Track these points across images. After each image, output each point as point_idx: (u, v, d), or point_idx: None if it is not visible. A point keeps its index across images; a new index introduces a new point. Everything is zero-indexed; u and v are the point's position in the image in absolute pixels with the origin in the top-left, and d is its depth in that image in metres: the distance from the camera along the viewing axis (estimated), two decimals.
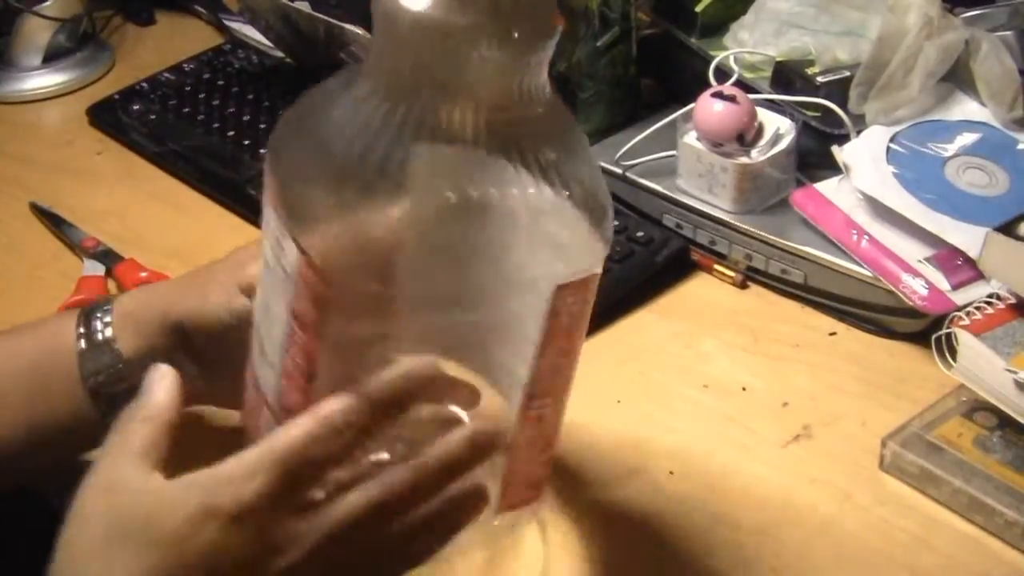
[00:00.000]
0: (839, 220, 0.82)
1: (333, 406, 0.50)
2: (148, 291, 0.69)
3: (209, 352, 0.64)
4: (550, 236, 0.52)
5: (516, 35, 0.50)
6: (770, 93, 0.90)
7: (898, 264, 0.79)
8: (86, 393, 0.65)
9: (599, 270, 0.55)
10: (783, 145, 0.86)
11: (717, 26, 0.99)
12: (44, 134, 1.15)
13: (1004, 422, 0.69)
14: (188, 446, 0.54)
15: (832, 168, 0.85)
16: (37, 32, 1.20)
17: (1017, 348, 0.70)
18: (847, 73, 0.89)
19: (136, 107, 1.11)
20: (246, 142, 1.03)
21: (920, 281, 0.78)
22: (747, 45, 0.95)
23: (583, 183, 0.52)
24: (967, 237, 0.78)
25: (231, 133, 1.05)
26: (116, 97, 1.13)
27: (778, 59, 0.93)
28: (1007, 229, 0.75)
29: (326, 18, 0.99)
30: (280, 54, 1.15)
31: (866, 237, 0.81)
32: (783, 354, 0.80)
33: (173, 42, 1.25)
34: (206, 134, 1.06)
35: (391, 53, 0.50)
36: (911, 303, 0.77)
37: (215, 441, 0.55)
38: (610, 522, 0.68)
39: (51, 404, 0.65)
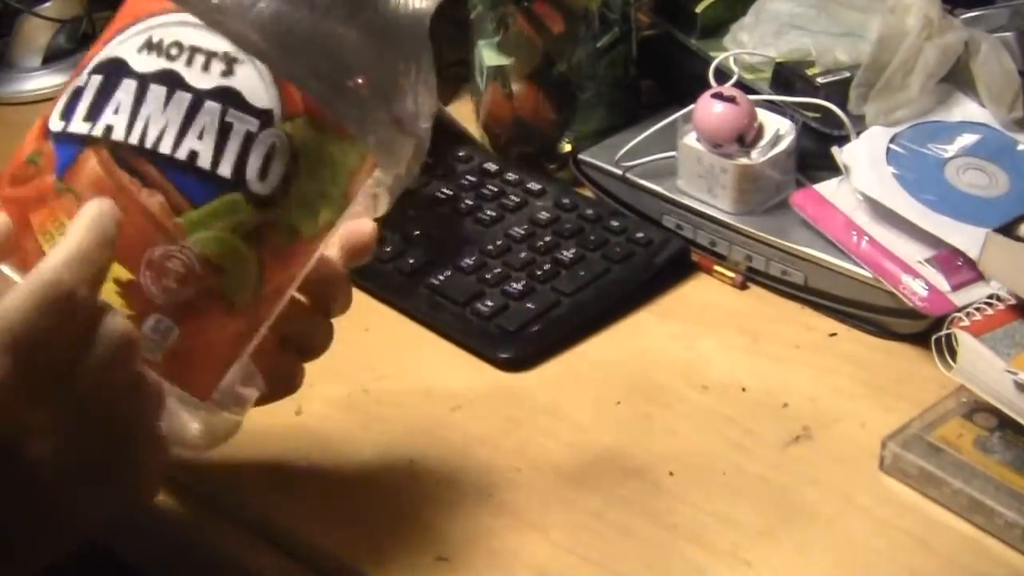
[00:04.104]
0: (839, 221, 0.82)
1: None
2: None
3: None
4: None
5: None
6: (770, 94, 0.90)
7: (898, 265, 0.79)
8: None
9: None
10: (783, 146, 0.86)
11: (717, 27, 0.99)
12: None
13: (1004, 423, 0.69)
14: None
15: (832, 169, 0.85)
16: (37, 33, 1.20)
17: (1017, 349, 0.70)
18: (847, 74, 0.89)
19: None
20: None
21: (920, 282, 0.78)
22: (747, 46, 0.95)
23: None
24: (967, 238, 0.78)
25: None
26: None
27: (778, 60, 0.93)
28: (1007, 230, 0.75)
29: None
30: None
31: (866, 238, 0.81)
32: (783, 355, 0.80)
33: None
34: None
35: None
36: (911, 304, 0.77)
37: None
38: (610, 522, 0.68)
39: None
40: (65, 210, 0.52)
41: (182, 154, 0.51)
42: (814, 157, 0.87)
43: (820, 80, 0.90)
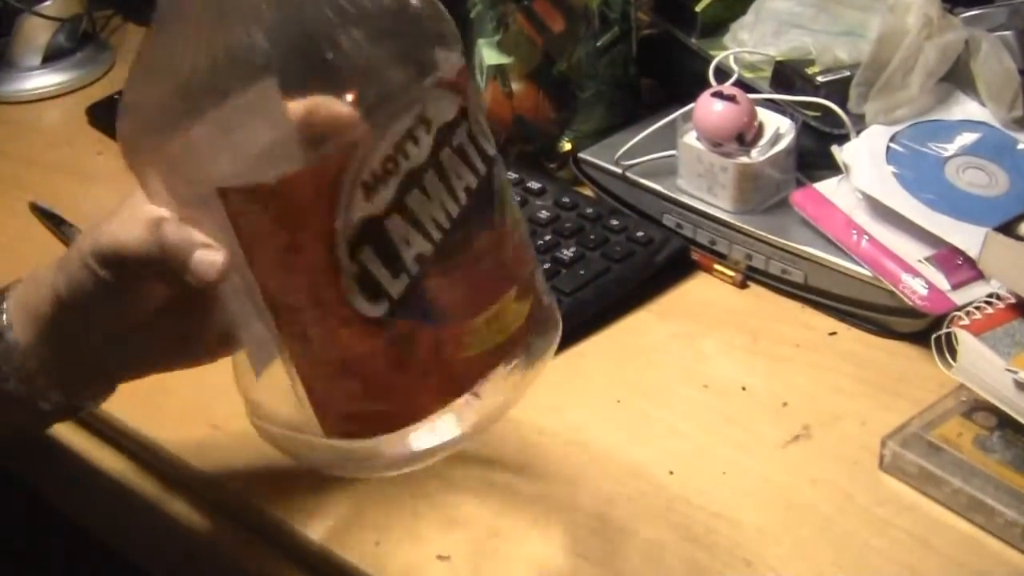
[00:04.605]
0: (839, 220, 0.82)
1: None
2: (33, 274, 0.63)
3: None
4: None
5: None
6: (770, 93, 0.90)
7: (898, 264, 0.79)
8: None
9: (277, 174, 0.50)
10: (783, 145, 0.86)
11: (717, 26, 0.99)
12: (44, 134, 1.15)
13: (1004, 422, 0.69)
14: None
15: (832, 168, 0.85)
16: (37, 32, 1.20)
17: (1017, 348, 0.70)
18: (847, 73, 0.89)
19: None
20: None
21: (920, 281, 0.78)
22: (747, 45, 0.95)
23: None
24: (967, 237, 0.78)
25: None
26: (116, 97, 1.12)
27: (778, 59, 0.93)
28: (1007, 229, 0.75)
29: None
30: None
31: (866, 237, 0.81)
32: (783, 354, 0.80)
33: None
34: None
35: None
36: (911, 303, 0.77)
37: None
38: (610, 522, 0.68)
39: None
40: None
41: (463, 200, 0.53)
42: (814, 156, 0.88)
43: (820, 79, 0.90)
